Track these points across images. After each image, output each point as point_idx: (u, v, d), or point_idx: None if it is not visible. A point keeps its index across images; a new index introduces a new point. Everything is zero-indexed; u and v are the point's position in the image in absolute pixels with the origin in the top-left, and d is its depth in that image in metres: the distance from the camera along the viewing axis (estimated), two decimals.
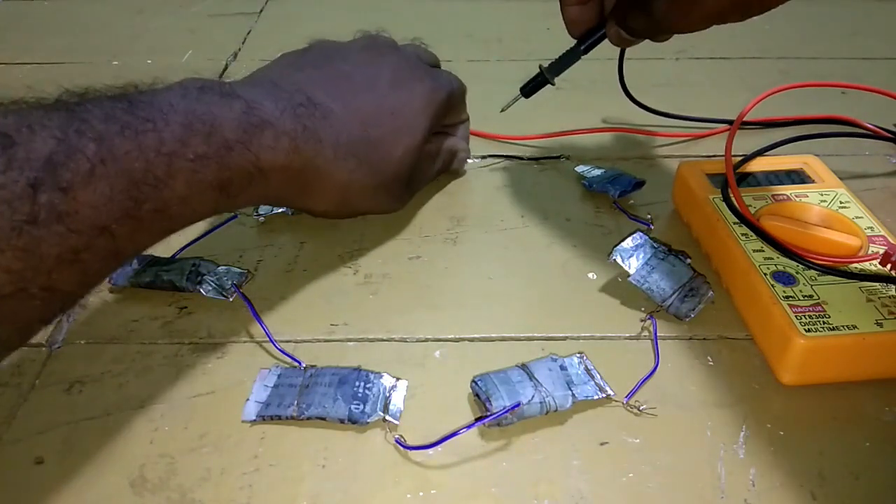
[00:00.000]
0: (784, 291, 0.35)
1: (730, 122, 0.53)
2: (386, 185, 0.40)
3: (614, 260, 0.41)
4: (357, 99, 0.38)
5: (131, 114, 0.27)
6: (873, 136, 0.52)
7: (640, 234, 0.42)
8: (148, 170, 0.27)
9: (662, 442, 0.32)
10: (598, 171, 0.48)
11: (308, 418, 0.32)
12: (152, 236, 0.29)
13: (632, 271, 0.40)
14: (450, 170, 0.48)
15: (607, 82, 0.50)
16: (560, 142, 0.53)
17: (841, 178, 0.44)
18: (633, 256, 0.41)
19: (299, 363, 0.35)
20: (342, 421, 0.32)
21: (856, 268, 0.37)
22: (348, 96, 0.37)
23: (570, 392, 0.33)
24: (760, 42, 0.67)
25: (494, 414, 0.31)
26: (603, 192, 0.46)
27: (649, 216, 0.44)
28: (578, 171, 0.49)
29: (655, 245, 0.41)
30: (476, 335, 0.37)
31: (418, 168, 0.42)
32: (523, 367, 0.34)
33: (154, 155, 0.27)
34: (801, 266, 0.37)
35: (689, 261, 0.40)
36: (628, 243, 0.42)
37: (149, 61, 0.65)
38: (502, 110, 0.46)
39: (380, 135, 0.38)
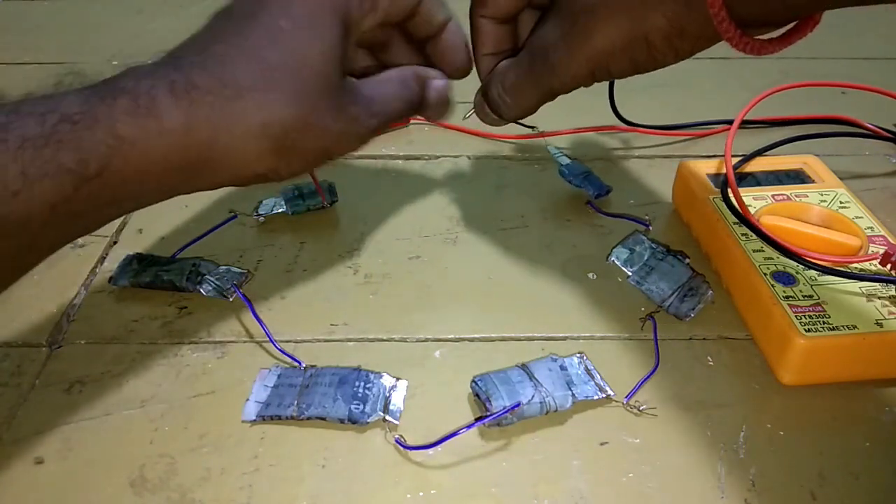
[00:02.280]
0: (784, 291, 0.35)
1: (730, 122, 0.53)
2: (319, 108, 0.30)
3: (613, 261, 0.41)
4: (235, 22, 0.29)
5: None
6: (873, 136, 0.52)
7: (639, 234, 0.42)
8: None
9: (662, 442, 0.32)
10: (567, 160, 0.48)
11: (308, 418, 0.32)
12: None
13: (630, 272, 0.40)
14: (428, 113, 0.35)
15: (607, 81, 0.50)
16: (560, 141, 0.53)
17: (841, 178, 0.44)
18: (631, 257, 0.41)
19: (299, 363, 0.35)
20: (342, 421, 0.32)
21: (856, 268, 0.37)
22: (227, 23, 0.30)
23: (570, 392, 0.33)
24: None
25: (494, 414, 0.31)
26: (579, 189, 0.46)
27: (647, 217, 0.44)
28: (551, 151, 0.48)
29: (654, 245, 0.41)
30: (476, 335, 0.37)
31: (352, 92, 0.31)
32: (523, 367, 0.34)
33: None
34: (801, 266, 0.37)
35: (687, 261, 0.40)
36: (627, 244, 0.42)
37: (148, 61, 0.65)
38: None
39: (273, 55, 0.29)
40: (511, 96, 0.35)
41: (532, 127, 0.51)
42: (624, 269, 0.41)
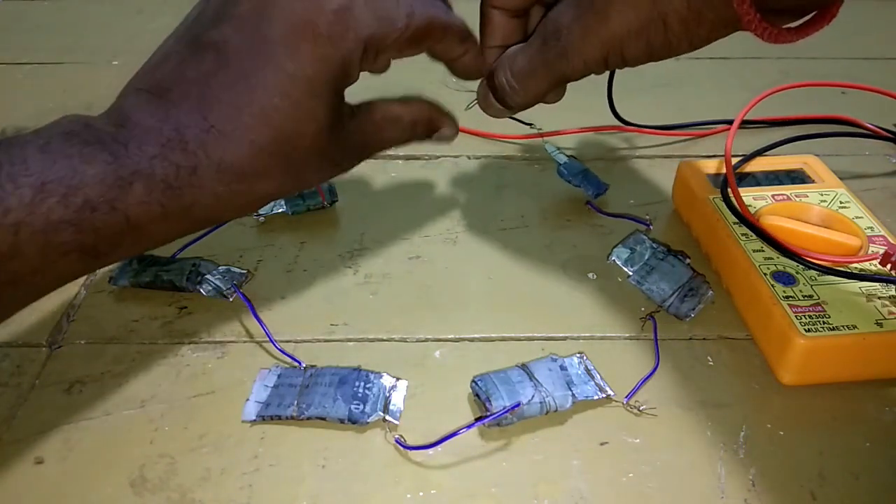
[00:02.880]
0: (784, 291, 0.35)
1: (730, 122, 0.53)
2: (307, 175, 0.31)
3: (613, 261, 0.41)
4: (236, 87, 0.28)
5: None
6: (873, 136, 0.52)
7: (640, 234, 0.42)
8: None
9: (662, 442, 0.32)
10: (565, 158, 0.47)
11: (308, 418, 0.32)
12: (5, 310, 0.27)
13: (630, 272, 0.40)
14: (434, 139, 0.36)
15: (608, 78, 0.50)
16: (560, 141, 0.53)
17: (841, 178, 0.44)
18: (631, 257, 0.41)
19: (299, 363, 0.35)
20: (342, 421, 0.32)
21: (856, 268, 0.37)
22: (222, 89, 0.28)
23: (570, 392, 0.33)
24: (761, 42, 0.67)
25: (494, 414, 0.31)
26: (578, 188, 0.46)
27: (648, 216, 0.44)
28: (548, 149, 0.48)
29: (655, 245, 0.41)
30: (476, 335, 0.37)
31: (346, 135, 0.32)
32: (523, 367, 0.34)
33: None
34: (801, 266, 0.37)
35: (688, 261, 0.40)
36: (627, 244, 0.42)
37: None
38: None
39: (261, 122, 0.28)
40: (519, 81, 0.34)
41: (530, 124, 0.51)
42: (624, 268, 0.41)
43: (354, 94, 0.31)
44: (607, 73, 0.48)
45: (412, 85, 0.37)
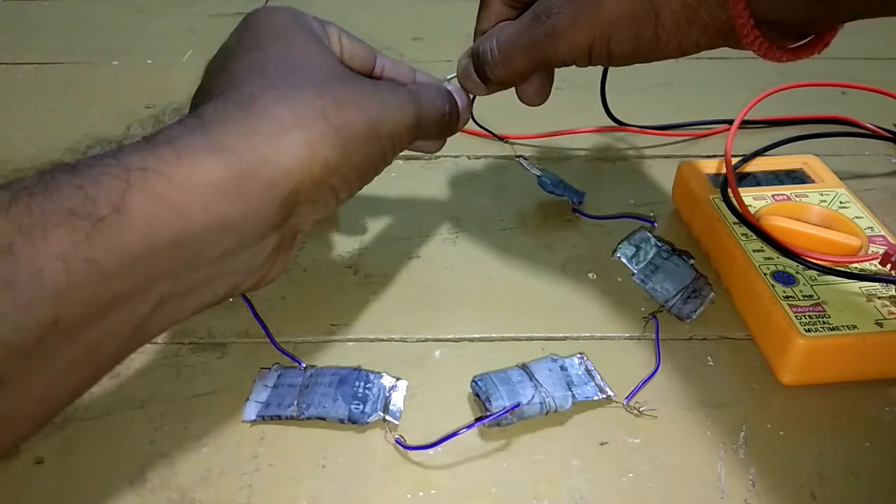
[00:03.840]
0: (784, 291, 0.35)
1: (730, 122, 0.53)
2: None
3: (618, 257, 0.41)
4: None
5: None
6: (873, 136, 0.52)
7: (645, 231, 0.42)
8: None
9: (662, 442, 0.32)
10: (539, 171, 0.47)
11: (308, 418, 0.32)
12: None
13: (635, 270, 0.40)
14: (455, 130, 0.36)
15: (607, 81, 0.50)
16: (560, 141, 0.53)
17: (841, 178, 0.44)
18: (636, 255, 0.41)
19: (299, 363, 0.35)
20: (342, 421, 0.32)
21: (856, 268, 0.37)
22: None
23: (570, 392, 0.33)
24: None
25: (494, 414, 0.31)
26: (563, 197, 0.46)
27: (652, 214, 0.44)
28: (523, 164, 0.47)
29: (659, 244, 0.41)
30: (476, 335, 0.37)
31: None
32: (523, 367, 0.34)
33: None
34: (801, 266, 0.37)
35: (692, 261, 0.40)
36: (632, 241, 0.42)
37: (149, 61, 0.65)
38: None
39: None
40: (501, 53, 0.33)
41: (504, 139, 0.52)
42: (629, 265, 0.41)
43: None
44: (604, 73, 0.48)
45: None
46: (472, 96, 0.36)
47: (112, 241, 0.22)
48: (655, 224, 0.44)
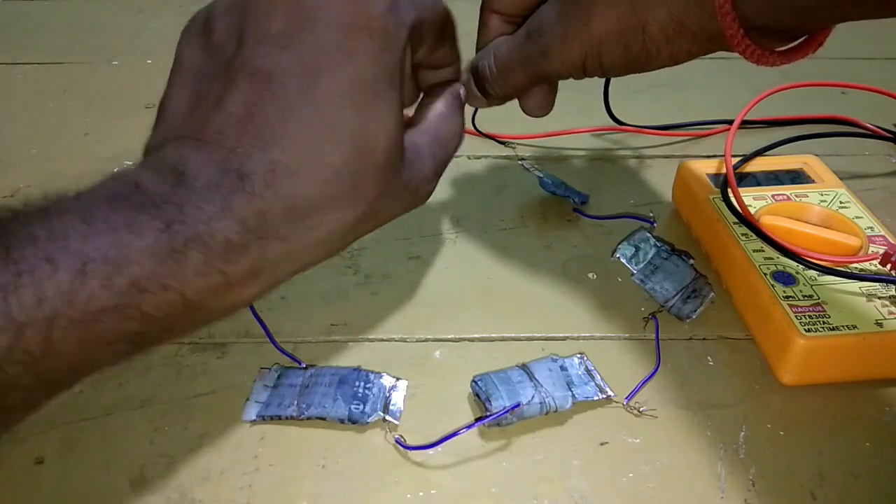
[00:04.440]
0: (784, 291, 0.35)
1: (730, 122, 0.53)
2: (380, 199, 0.26)
3: (617, 258, 0.41)
4: (290, 121, 0.23)
5: (5, 265, 0.19)
6: (873, 136, 0.52)
7: (644, 231, 0.42)
8: (13, 346, 0.19)
9: (662, 442, 0.32)
10: (541, 173, 0.47)
11: (308, 418, 0.32)
12: (27, 412, 0.22)
13: (634, 270, 0.40)
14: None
15: (600, 78, 0.50)
16: (560, 141, 0.53)
17: (841, 178, 0.44)
18: (636, 255, 0.41)
19: (299, 363, 0.35)
20: (342, 421, 0.32)
21: (856, 268, 0.37)
22: (280, 118, 0.23)
23: (570, 393, 0.33)
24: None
25: (494, 414, 0.31)
26: (565, 197, 0.46)
27: (651, 214, 0.44)
28: (525, 166, 0.48)
29: (659, 244, 0.41)
30: (476, 335, 0.37)
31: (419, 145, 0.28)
32: (523, 367, 0.34)
33: (25, 320, 0.19)
34: (801, 266, 0.37)
35: (692, 261, 0.40)
36: (632, 241, 0.42)
37: (149, 61, 0.65)
38: None
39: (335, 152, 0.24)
40: (499, 71, 0.34)
41: (504, 143, 0.52)
42: (629, 266, 0.41)
43: None
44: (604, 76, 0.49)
45: None
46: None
47: (141, 351, 0.23)
48: (655, 224, 0.44)
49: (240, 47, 0.24)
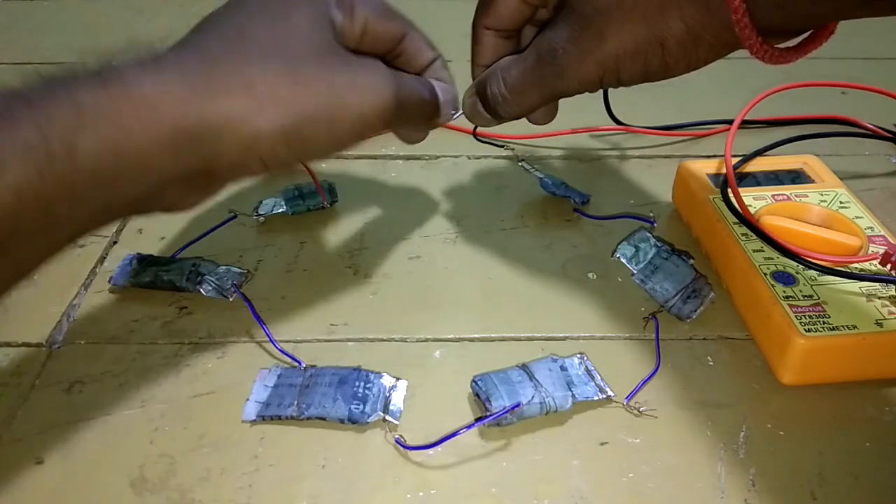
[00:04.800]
0: (784, 291, 0.35)
1: (730, 122, 0.53)
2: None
3: (618, 258, 0.41)
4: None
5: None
6: (873, 136, 0.52)
7: (644, 231, 0.42)
8: None
9: (662, 442, 0.32)
10: (542, 174, 0.47)
11: (308, 418, 0.32)
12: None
13: (635, 270, 0.40)
14: (438, 122, 0.36)
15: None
16: (560, 141, 0.53)
17: (841, 178, 0.44)
18: (636, 255, 0.41)
19: (299, 363, 0.35)
20: (342, 421, 0.32)
21: (856, 268, 0.37)
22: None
23: (570, 393, 0.33)
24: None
25: (494, 414, 0.31)
26: (565, 197, 0.46)
27: (651, 214, 0.44)
28: (525, 168, 0.48)
29: (659, 244, 0.41)
30: (476, 335, 0.37)
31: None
32: (523, 367, 0.34)
33: None
34: (801, 266, 0.37)
35: (692, 261, 0.40)
36: (632, 241, 0.42)
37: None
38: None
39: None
40: (513, 94, 0.34)
41: (502, 146, 0.52)
42: (629, 266, 0.41)
43: None
44: None
45: None
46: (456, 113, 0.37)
47: (60, 178, 0.23)
48: (655, 224, 0.44)
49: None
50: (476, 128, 0.39)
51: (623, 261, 0.41)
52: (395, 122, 0.32)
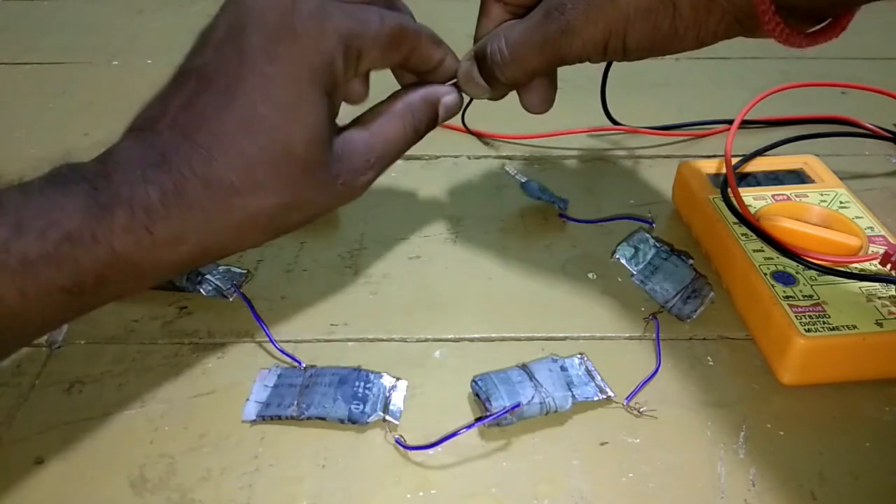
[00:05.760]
0: (784, 291, 0.35)
1: (730, 122, 0.53)
2: (304, 190, 0.29)
3: (617, 259, 0.41)
4: (210, 105, 0.27)
5: None
6: (873, 136, 0.52)
7: (643, 232, 0.42)
8: None
9: (662, 442, 0.32)
10: (524, 178, 0.47)
11: (308, 418, 0.32)
12: None
13: (634, 271, 0.40)
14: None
15: (607, 81, 0.50)
16: (559, 141, 0.53)
17: (841, 178, 0.44)
18: (635, 256, 0.41)
19: (299, 363, 0.35)
20: (342, 421, 0.32)
21: (856, 268, 0.37)
22: (205, 109, 0.27)
23: (570, 393, 0.33)
24: (761, 42, 0.67)
25: (494, 414, 0.31)
26: (550, 203, 0.46)
27: (649, 214, 0.44)
28: (509, 171, 0.48)
29: (658, 245, 0.41)
30: (476, 335, 0.37)
31: (350, 148, 0.30)
32: (524, 367, 0.34)
33: None
34: (801, 266, 0.37)
35: (691, 262, 0.40)
36: (631, 242, 0.42)
37: (149, 61, 0.65)
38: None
39: (255, 139, 0.27)
40: (513, 53, 0.32)
41: (488, 143, 0.52)
42: (628, 266, 0.41)
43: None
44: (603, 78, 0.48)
45: None
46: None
47: (80, 307, 0.27)
48: (653, 225, 0.44)
49: (194, 52, 0.29)
50: (464, 115, 0.37)
51: (623, 261, 0.41)
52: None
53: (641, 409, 0.33)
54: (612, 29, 0.29)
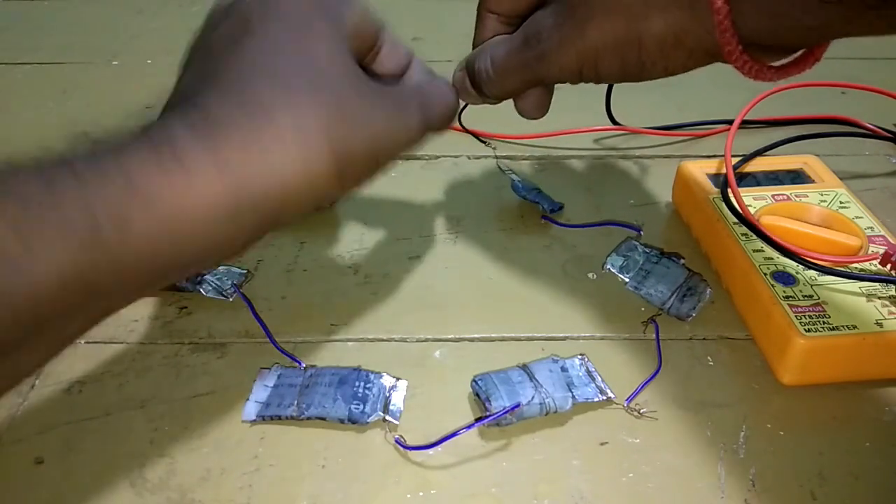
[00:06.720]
0: (784, 291, 0.35)
1: (730, 122, 0.53)
2: (348, 98, 0.27)
3: (608, 269, 0.41)
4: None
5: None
6: (873, 136, 0.52)
7: (631, 241, 0.42)
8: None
9: (662, 442, 0.32)
10: (518, 177, 0.47)
11: (308, 418, 0.32)
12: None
13: (627, 279, 0.40)
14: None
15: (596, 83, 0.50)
16: (559, 141, 0.53)
17: (841, 178, 0.44)
18: (626, 264, 0.41)
19: (299, 363, 0.35)
20: (342, 421, 0.32)
21: (856, 268, 0.37)
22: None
23: (570, 393, 0.33)
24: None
25: (494, 414, 0.31)
26: (534, 203, 0.45)
27: (636, 221, 0.44)
28: (502, 168, 0.48)
29: (647, 250, 0.41)
30: (476, 335, 0.37)
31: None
32: (524, 367, 0.34)
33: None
34: (801, 266, 0.37)
35: (682, 262, 0.40)
36: (620, 252, 0.42)
37: (149, 61, 0.65)
38: None
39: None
40: (496, 73, 0.34)
41: (486, 142, 0.52)
42: (620, 275, 0.41)
43: None
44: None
45: None
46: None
47: (109, 260, 0.22)
48: (641, 232, 0.43)
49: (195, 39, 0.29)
50: (461, 115, 0.38)
51: (613, 271, 0.41)
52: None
53: (642, 411, 0.33)
54: (584, 60, 0.30)
